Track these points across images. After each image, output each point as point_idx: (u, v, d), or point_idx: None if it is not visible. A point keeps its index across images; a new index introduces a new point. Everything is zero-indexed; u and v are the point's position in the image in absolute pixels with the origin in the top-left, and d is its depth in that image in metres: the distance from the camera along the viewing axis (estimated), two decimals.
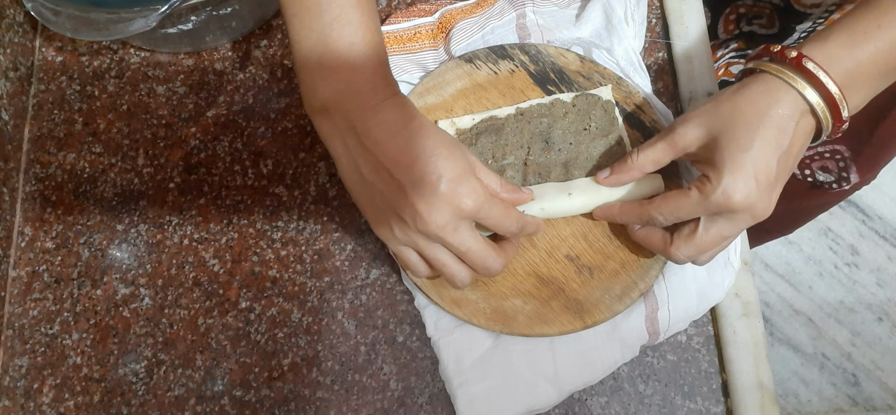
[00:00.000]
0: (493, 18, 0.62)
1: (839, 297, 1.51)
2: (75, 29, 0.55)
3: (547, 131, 0.57)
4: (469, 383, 0.52)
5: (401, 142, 0.44)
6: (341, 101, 0.45)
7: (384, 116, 0.44)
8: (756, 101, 0.46)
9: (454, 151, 0.45)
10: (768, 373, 0.54)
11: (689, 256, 0.49)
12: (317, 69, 0.45)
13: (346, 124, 0.45)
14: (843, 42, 0.46)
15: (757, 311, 0.56)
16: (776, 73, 0.46)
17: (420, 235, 0.45)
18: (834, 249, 1.54)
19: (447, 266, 0.47)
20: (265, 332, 0.56)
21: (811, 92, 0.46)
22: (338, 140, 0.46)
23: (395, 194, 0.44)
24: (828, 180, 0.80)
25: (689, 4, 0.64)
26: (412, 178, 0.44)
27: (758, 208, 0.46)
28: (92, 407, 0.54)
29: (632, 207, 0.52)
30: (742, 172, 0.45)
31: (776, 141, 0.45)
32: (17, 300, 0.57)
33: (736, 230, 0.48)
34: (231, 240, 0.58)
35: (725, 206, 0.46)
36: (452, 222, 0.44)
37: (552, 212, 0.53)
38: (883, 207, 1.56)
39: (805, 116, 0.46)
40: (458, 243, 0.46)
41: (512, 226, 0.48)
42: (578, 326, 0.52)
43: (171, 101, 0.62)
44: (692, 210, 0.48)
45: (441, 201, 0.44)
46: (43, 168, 0.61)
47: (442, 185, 0.43)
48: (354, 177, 0.46)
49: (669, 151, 0.50)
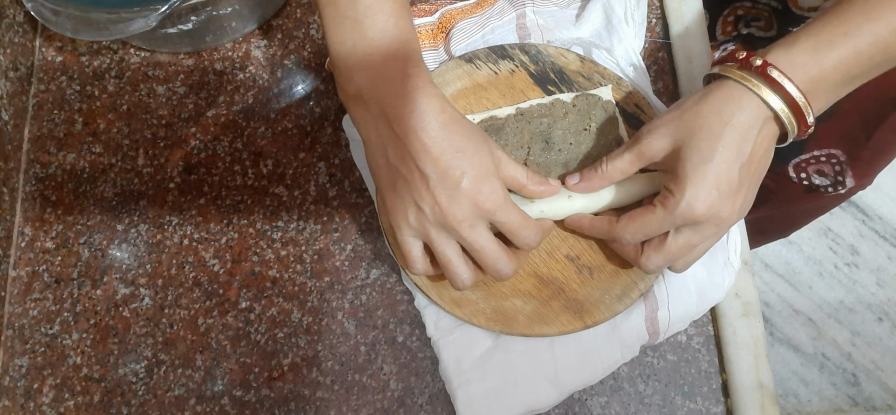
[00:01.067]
0: (493, 18, 0.62)
1: (839, 297, 1.51)
2: (75, 29, 0.55)
3: (547, 131, 0.57)
4: (469, 383, 0.52)
5: (430, 133, 0.45)
6: (375, 89, 0.46)
7: (416, 106, 0.45)
8: (719, 109, 0.47)
9: (481, 148, 0.46)
10: (768, 373, 0.54)
11: (659, 266, 0.50)
12: (351, 57, 0.46)
13: (378, 110, 0.46)
14: (809, 49, 0.46)
15: (757, 311, 0.56)
16: (740, 80, 0.47)
17: (435, 226, 0.46)
18: (834, 249, 1.54)
19: (452, 263, 0.48)
20: (265, 332, 0.56)
21: (775, 99, 0.46)
22: (370, 126, 0.47)
23: (418, 183, 0.45)
24: (823, 184, 0.80)
25: (689, 4, 0.64)
26: (437, 170, 0.45)
27: (721, 217, 0.47)
28: (92, 407, 0.54)
29: (600, 223, 0.52)
30: (704, 184, 0.46)
31: (738, 149, 0.46)
32: (17, 300, 0.57)
33: (703, 238, 0.48)
34: (231, 240, 0.58)
35: (690, 217, 0.47)
36: (470, 219, 0.46)
37: (552, 214, 0.53)
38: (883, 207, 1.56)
39: (768, 123, 0.47)
40: (473, 240, 0.47)
41: (528, 235, 0.48)
42: (578, 326, 0.52)
43: (171, 101, 0.62)
44: (658, 226, 0.48)
45: (462, 196, 0.45)
46: (43, 168, 0.61)
47: (465, 181, 0.45)
48: (381, 161, 0.47)
49: (636, 160, 0.51)
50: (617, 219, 0.51)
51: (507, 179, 0.49)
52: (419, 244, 0.48)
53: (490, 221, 0.47)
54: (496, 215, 0.47)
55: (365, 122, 0.47)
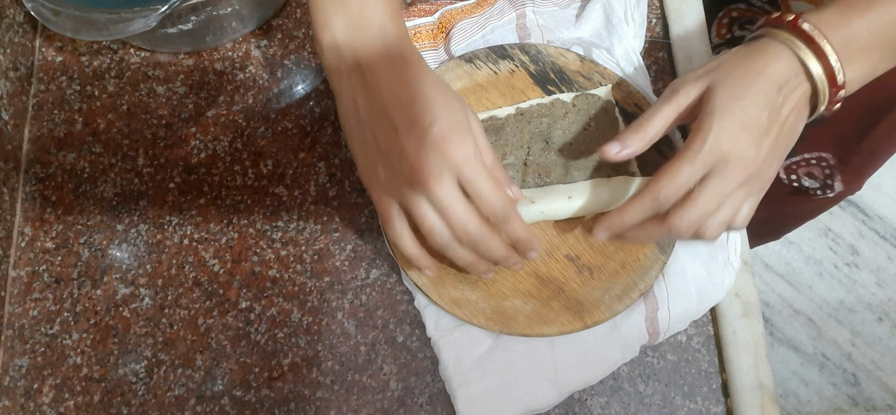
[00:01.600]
0: (493, 18, 0.62)
1: (839, 297, 1.51)
2: (75, 29, 0.55)
3: (547, 131, 0.57)
4: (469, 383, 0.52)
5: (402, 82, 0.44)
6: (351, 38, 0.45)
7: (391, 58, 0.45)
8: (754, 58, 0.48)
9: (453, 103, 0.45)
10: (768, 373, 0.54)
11: (691, 223, 0.47)
12: (330, 5, 0.45)
13: (353, 61, 0.45)
14: (838, 11, 0.47)
15: (757, 311, 0.56)
16: (776, 37, 0.48)
17: (404, 181, 0.44)
18: (834, 249, 1.54)
19: (426, 217, 0.45)
20: (265, 332, 0.56)
21: (807, 54, 0.47)
22: (343, 77, 0.46)
23: (387, 134, 0.44)
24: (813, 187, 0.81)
25: (689, 4, 0.64)
26: (406, 118, 0.43)
27: (748, 157, 0.46)
28: (92, 407, 0.54)
29: (631, 204, 0.49)
30: (731, 119, 0.46)
31: (768, 96, 0.46)
32: (17, 300, 0.57)
33: (731, 184, 0.47)
34: (231, 240, 0.58)
35: (717, 152, 0.46)
36: (437, 170, 0.43)
37: (552, 214, 0.53)
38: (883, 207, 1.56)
39: (800, 78, 0.47)
40: (440, 195, 0.44)
41: (496, 203, 0.45)
42: (578, 326, 0.52)
43: (171, 101, 0.62)
44: (688, 169, 0.46)
45: (429, 146, 0.43)
46: (43, 168, 0.61)
47: (434, 128, 0.43)
48: (351, 117, 0.46)
49: (674, 113, 0.50)
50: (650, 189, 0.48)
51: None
52: (393, 203, 0.46)
53: (459, 179, 0.44)
54: (464, 169, 0.44)
55: (337, 73, 0.46)
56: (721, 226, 0.48)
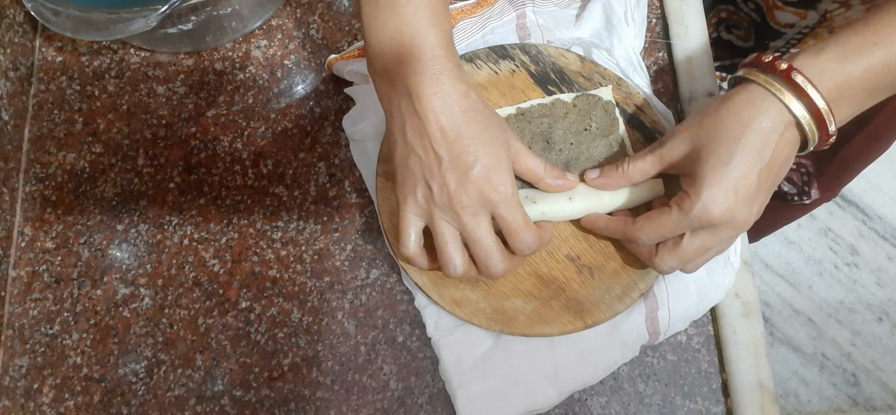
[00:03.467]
0: (494, 18, 0.62)
1: (839, 297, 1.51)
2: (75, 29, 0.55)
3: (547, 132, 0.57)
4: (469, 383, 0.52)
5: (450, 116, 0.46)
6: (401, 67, 0.46)
7: (441, 87, 0.46)
8: (739, 112, 0.46)
9: (497, 139, 0.47)
10: (768, 373, 0.54)
11: (673, 267, 0.50)
12: (382, 32, 0.47)
13: (403, 88, 0.47)
14: (837, 56, 0.46)
15: (757, 311, 0.56)
16: (763, 84, 0.46)
17: (440, 207, 0.46)
18: (834, 249, 1.54)
19: (448, 245, 0.47)
20: (265, 332, 0.56)
21: (797, 105, 0.45)
22: (393, 102, 0.48)
23: (431, 163, 0.46)
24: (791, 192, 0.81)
25: (689, 4, 0.64)
26: (451, 153, 0.45)
27: (738, 220, 0.46)
28: (92, 407, 0.54)
29: (616, 224, 0.52)
30: (721, 186, 0.45)
31: (757, 154, 0.46)
32: (17, 300, 0.57)
33: (718, 242, 0.48)
34: (231, 240, 0.58)
35: (705, 220, 0.46)
36: (474, 206, 0.46)
37: (553, 215, 0.53)
38: (883, 207, 1.56)
39: (789, 129, 0.46)
40: (473, 228, 0.47)
41: (526, 239, 0.48)
42: (579, 326, 0.52)
43: (171, 101, 0.62)
44: (674, 227, 0.48)
45: (471, 183, 0.45)
46: (43, 168, 0.61)
47: (476, 168, 0.45)
48: (399, 138, 0.48)
49: (657, 163, 0.51)
50: (632, 219, 0.51)
51: (524, 171, 0.50)
52: (418, 224, 0.48)
53: (493, 215, 0.47)
54: (500, 209, 0.47)
55: (388, 98, 0.48)
56: (700, 265, 0.50)
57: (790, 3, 0.69)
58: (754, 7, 0.75)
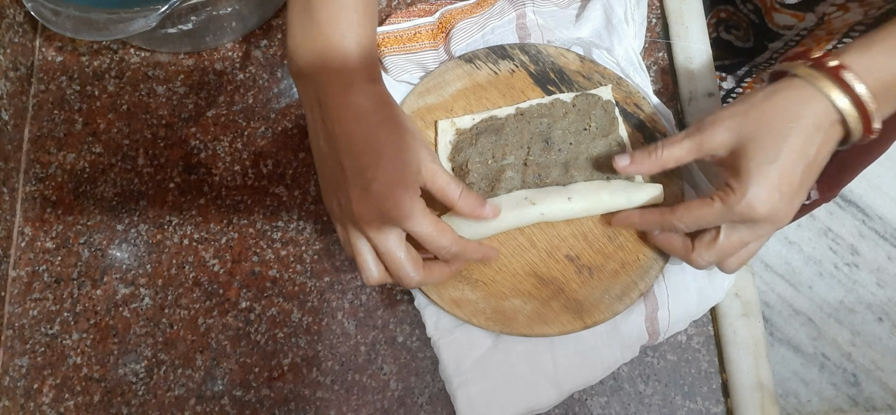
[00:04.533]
0: (493, 18, 0.62)
1: (839, 297, 1.51)
2: (75, 29, 0.55)
3: (547, 131, 0.57)
4: (469, 383, 0.52)
5: (357, 129, 0.45)
6: (314, 73, 0.46)
7: (351, 100, 0.45)
8: (787, 108, 0.46)
9: (403, 155, 0.45)
10: (768, 373, 0.54)
11: (710, 262, 0.49)
12: (299, 32, 0.46)
13: (314, 95, 0.46)
14: (886, 50, 0.45)
15: (757, 311, 0.56)
16: (810, 80, 0.46)
17: (348, 219, 0.46)
18: (834, 249, 1.54)
19: (360, 255, 0.47)
20: (265, 332, 0.56)
21: (844, 101, 0.45)
22: (307, 107, 0.47)
23: (339, 175, 0.45)
24: None
25: (689, 4, 0.64)
26: (354, 167, 0.44)
27: (779, 217, 0.46)
28: (92, 407, 0.54)
29: (653, 214, 0.52)
30: (766, 183, 0.45)
31: (803, 151, 0.45)
32: (17, 300, 0.57)
33: (757, 237, 0.48)
34: (231, 240, 0.58)
35: (748, 216, 0.46)
36: (377, 223, 0.45)
37: (551, 215, 0.53)
38: (883, 207, 1.56)
39: (834, 126, 0.46)
40: (378, 243, 0.46)
41: (445, 247, 0.47)
42: (578, 326, 0.52)
43: (171, 101, 0.62)
44: (715, 219, 0.47)
45: (371, 199, 0.44)
46: (43, 168, 0.61)
47: (374, 185, 0.44)
48: (315, 145, 0.48)
49: (695, 150, 0.49)
50: (671, 209, 0.50)
51: (438, 192, 0.48)
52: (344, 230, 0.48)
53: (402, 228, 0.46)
54: (405, 224, 0.45)
55: (304, 101, 0.48)
56: (739, 264, 0.50)
57: (788, 5, 0.69)
58: (753, 8, 0.75)
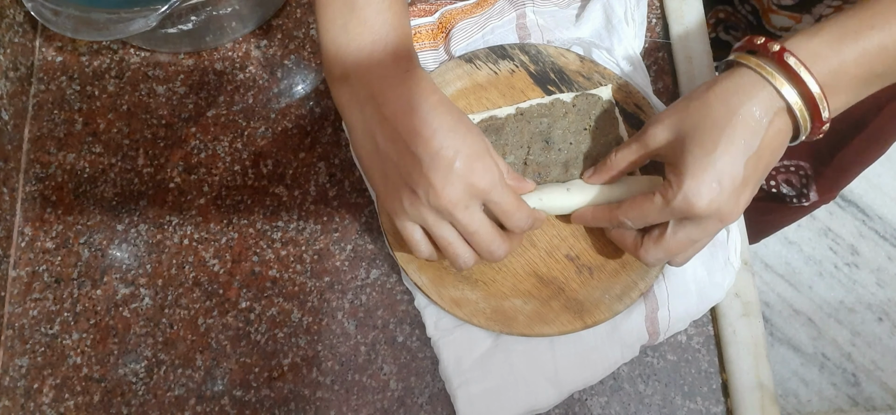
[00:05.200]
0: (493, 18, 0.62)
1: (839, 297, 1.51)
2: (75, 29, 0.55)
3: (547, 131, 0.57)
4: (469, 383, 0.52)
5: (420, 115, 0.44)
6: (363, 70, 0.45)
7: (405, 89, 0.44)
8: (727, 99, 0.44)
9: (472, 130, 0.45)
10: (768, 373, 0.54)
11: (658, 259, 0.49)
12: (340, 36, 0.45)
13: (365, 93, 0.45)
14: (832, 39, 0.43)
15: (757, 311, 0.56)
16: (755, 68, 0.44)
17: (430, 209, 0.45)
18: (834, 249, 1.54)
19: (452, 245, 0.46)
20: (265, 332, 0.56)
21: (789, 90, 0.43)
22: (355, 109, 0.46)
23: (410, 167, 0.44)
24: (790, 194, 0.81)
25: (689, 4, 0.64)
26: (429, 151, 0.43)
27: (723, 213, 0.44)
28: (92, 407, 0.54)
29: (603, 211, 0.52)
30: (705, 177, 0.43)
31: (745, 143, 0.43)
32: (17, 300, 0.57)
33: (704, 234, 0.46)
34: (231, 240, 0.58)
35: (688, 211, 0.44)
36: (464, 199, 0.44)
37: (550, 206, 0.53)
38: (883, 207, 1.56)
39: (780, 116, 0.44)
40: (468, 222, 0.45)
41: (521, 218, 0.47)
42: (578, 326, 0.52)
43: (171, 101, 0.62)
44: (657, 215, 0.47)
45: (456, 177, 0.43)
46: (43, 168, 0.61)
47: (458, 161, 0.43)
48: (369, 147, 0.46)
49: (640, 149, 0.49)
50: (617, 205, 0.50)
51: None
52: (419, 229, 0.47)
53: (484, 202, 0.46)
54: (491, 195, 0.45)
55: (350, 105, 0.46)
56: (687, 259, 0.49)
57: (785, 7, 0.69)
58: (750, 9, 0.75)
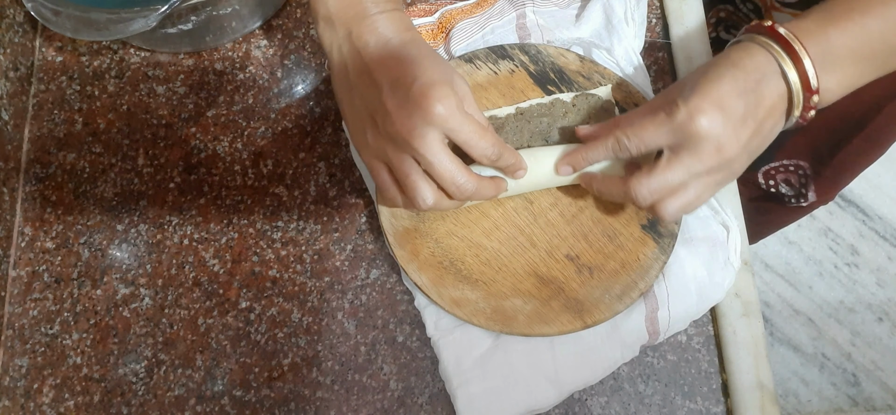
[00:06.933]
0: (493, 18, 0.62)
1: (839, 297, 1.50)
2: (75, 29, 0.55)
3: (547, 131, 0.57)
4: (469, 383, 0.52)
5: (389, 48, 0.46)
6: (344, 10, 0.48)
7: (379, 24, 0.47)
8: (728, 54, 0.47)
9: (438, 63, 0.46)
10: (768, 373, 0.54)
11: (651, 192, 0.47)
12: None
13: (344, 32, 0.47)
14: (817, 21, 0.47)
15: (757, 311, 0.56)
16: (751, 39, 0.47)
17: (389, 139, 0.45)
18: (834, 249, 1.54)
19: (409, 177, 0.45)
20: (265, 332, 0.56)
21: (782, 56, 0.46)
22: (335, 47, 0.48)
23: (373, 95, 0.45)
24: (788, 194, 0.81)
25: (689, 4, 0.64)
26: (389, 77, 0.45)
27: (723, 140, 0.45)
28: (92, 407, 0.54)
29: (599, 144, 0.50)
30: (709, 98, 0.45)
31: (744, 85, 0.45)
32: (17, 300, 0.57)
33: (703, 166, 0.46)
34: (231, 240, 0.58)
35: (690, 127, 0.45)
36: (420, 127, 0.43)
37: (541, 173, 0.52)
38: (883, 207, 1.56)
39: (776, 77, 0.46)
40: (425, 151, 0.44)
41: (487, 149, 0.46)
42: (578, 326, 0.52)
43: (171, 101, 0.62)
44: (655, 132, 0.46)
45: (411, 102, 0.43)
46: (43, 168, 0.61)
47: (415, 86, 0.43)
48: (343, 83, 0.48)
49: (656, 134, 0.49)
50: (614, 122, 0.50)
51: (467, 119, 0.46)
52: (383, 167, 0.47)
53: (443, 131, 0.44)
54: (449, 122, 0.44)
55: (331, 43, 0.48)
56: (681, 208, 0.48)
57: (788, 4, 0.69)
58: (752, 7, 0.75)
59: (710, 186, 0.47)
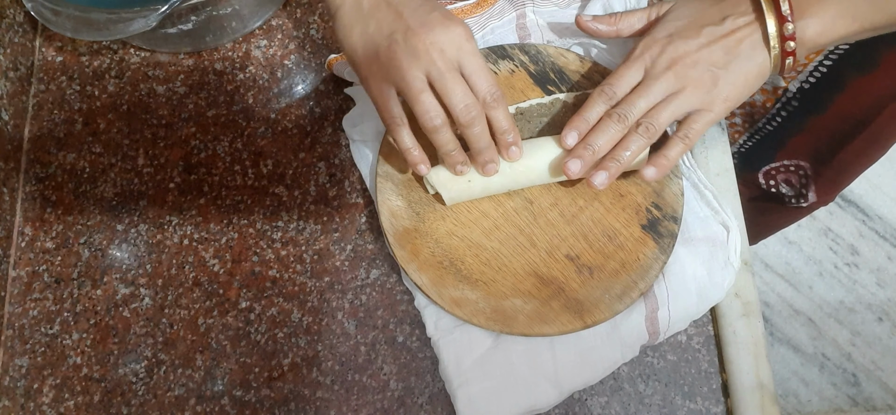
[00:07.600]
0: (493, 18, 0.62)
1: (839, 297, 1.50)
2: (75, 29, 0.55)
3: (547, 131, 0.57)
4: (469, 383, 0.52)
5: None
6: None
7: None
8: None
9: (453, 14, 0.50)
10: (768, 373, 0.54)
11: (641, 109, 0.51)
12: None
13: None
14: None
15: (757, 311, 0.56)
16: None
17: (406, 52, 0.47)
18: (834, 249, 1.54)
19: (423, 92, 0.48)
20: (265, 332, 0.56)
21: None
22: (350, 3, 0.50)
23: (390, 18, 0.48)
24: (788, 194, 0.82)
25: None
26: (411, 6, 0.48)
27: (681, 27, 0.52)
28: (92, 407, 0.54)
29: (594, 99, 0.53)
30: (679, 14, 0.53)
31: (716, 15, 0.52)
32: (17, 300, 0.57)
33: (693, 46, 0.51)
34: (231, 240, 0.58)
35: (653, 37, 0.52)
36: (439, 43, 0.47)
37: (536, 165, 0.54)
38: (883, 207, 1.56)
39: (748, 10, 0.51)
40: (442, 64, 0.48)
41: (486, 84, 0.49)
42: (578, 326, 0.52)
43: (171, 101, 0.62)
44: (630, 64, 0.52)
45: (434, 22, 0.48)
46: (43, 168, 0.61)
47: (435, 13, 0.48)
48: (354, 14, 0.50)
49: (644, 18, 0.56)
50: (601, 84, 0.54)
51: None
52: (391, 91, 0.49)
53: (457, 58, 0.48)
54: (464, 47, 0.48)
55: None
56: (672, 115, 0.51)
57: None
58: None
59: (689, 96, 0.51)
